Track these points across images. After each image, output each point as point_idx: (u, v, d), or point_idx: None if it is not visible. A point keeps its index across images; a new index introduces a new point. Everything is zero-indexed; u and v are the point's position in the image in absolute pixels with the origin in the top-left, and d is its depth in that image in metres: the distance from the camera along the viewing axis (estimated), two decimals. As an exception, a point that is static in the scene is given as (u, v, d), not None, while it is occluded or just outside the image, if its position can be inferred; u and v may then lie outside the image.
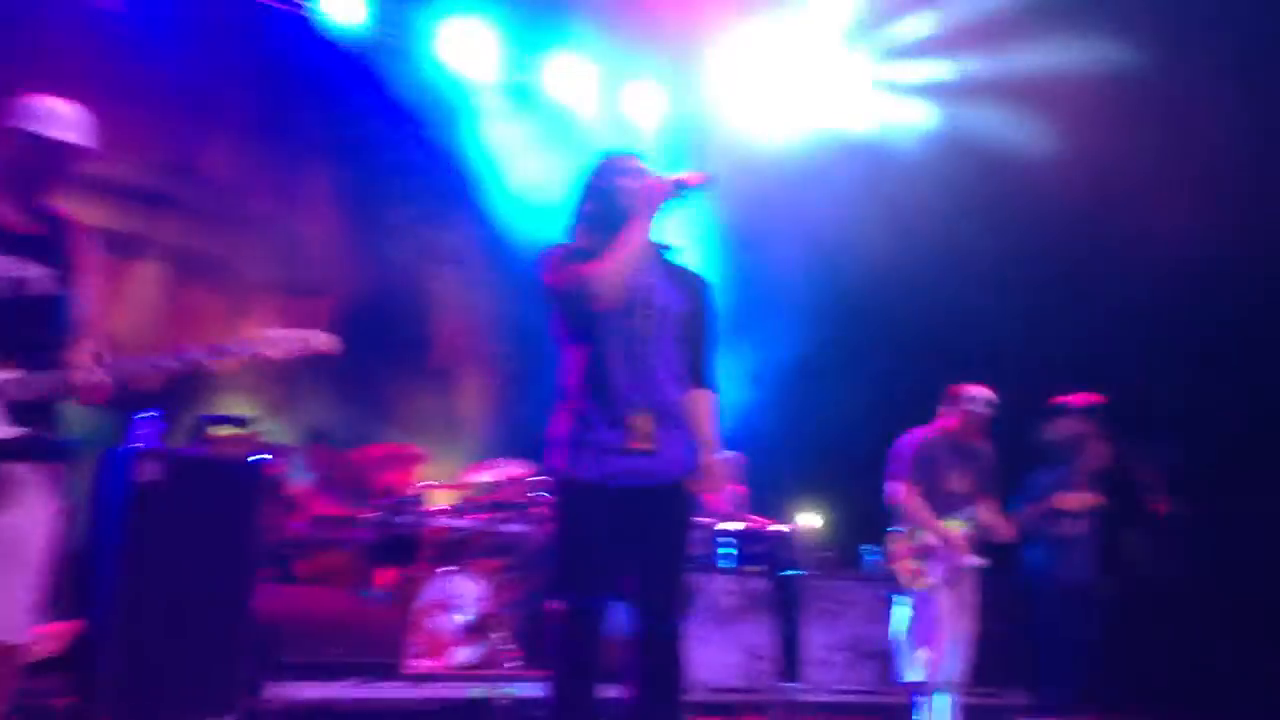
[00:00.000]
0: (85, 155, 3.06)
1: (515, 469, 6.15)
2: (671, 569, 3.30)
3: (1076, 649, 5.82)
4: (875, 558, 6.82)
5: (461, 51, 7.78)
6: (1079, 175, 6.76)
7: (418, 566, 5.60)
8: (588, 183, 3.45)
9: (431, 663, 5.31)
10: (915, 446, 5.13)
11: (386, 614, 5.37)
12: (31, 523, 2.95)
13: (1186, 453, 6.37)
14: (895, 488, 5.07)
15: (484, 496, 6.13)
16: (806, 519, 7.28)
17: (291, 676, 4.87)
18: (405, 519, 5.82)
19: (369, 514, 5.80)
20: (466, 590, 5.48)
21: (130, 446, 4.48)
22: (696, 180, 3.28)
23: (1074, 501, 5.67)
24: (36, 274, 2.98)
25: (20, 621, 2.95)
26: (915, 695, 4.91)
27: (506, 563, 5.82)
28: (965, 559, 5.00)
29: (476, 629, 5.45)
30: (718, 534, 6.62)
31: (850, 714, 6.37)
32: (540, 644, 4.41)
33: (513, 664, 5.44)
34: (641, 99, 8.51)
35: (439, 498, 6.33)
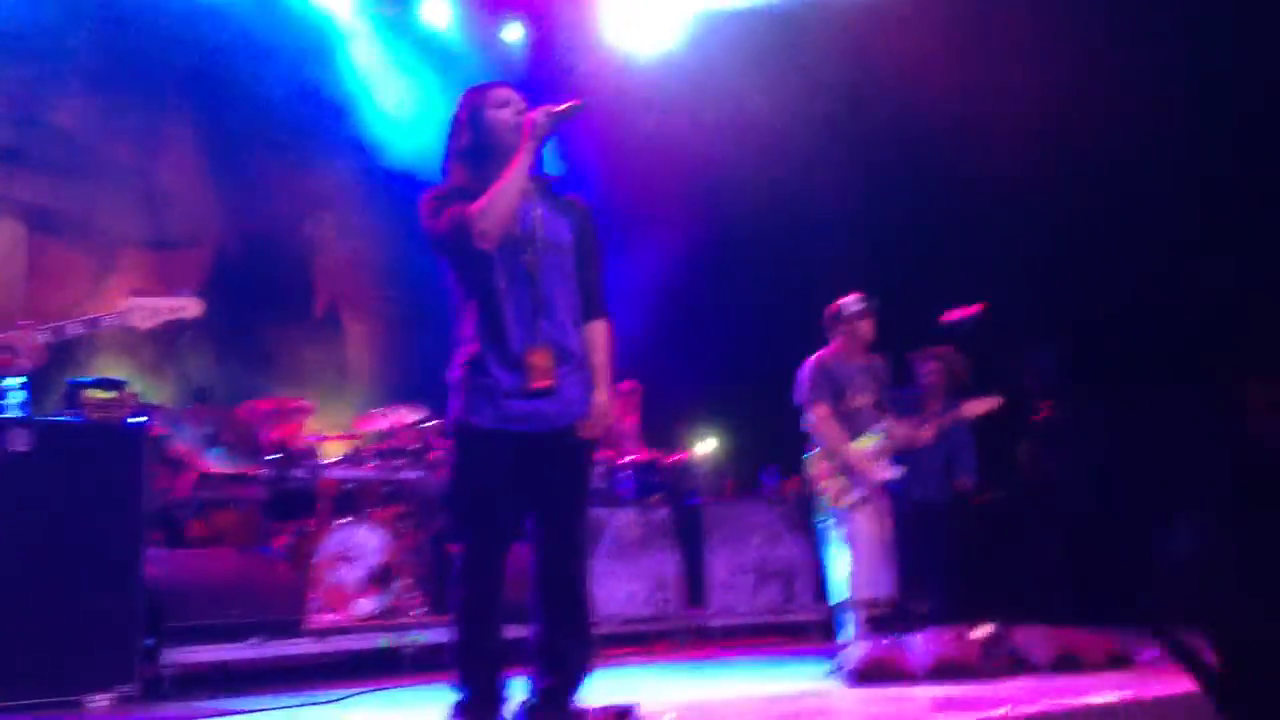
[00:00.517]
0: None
1: (408, 414, 6.06)
2: (572, 509, 3.27)
3: (934, 565, 5.93)
4: (773, 480, 6.91)
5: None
6: (942, 84, 6.81)
7: (314, 520, 5.49)
8: (460, 117, 3.31)
9: (335, 616, 5.22)
10: (813, 370, 5.16)
11: (285, 570, 5.26)
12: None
13: (1065, 359, 6.53)
14: (811, 411, 5.10)
15: (377, 445, 6.03)
16: (703, 445, 7.33)
17: (191, 640, 4.78)
18: (298, 473, 5.68)
19: (260, 470, 5.66)
20: (366, 540, 5.39)
21: (-4, 417, 4.26)
22: (570, 107, 3.19)
23: (982, 406, 5.68)
24: None
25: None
26: (841, 613, 4.99)
27: (404, 510, 5.74)
28: (882, 473, 5.09)
29: (378, 578, 5.37)
30: (617, 466, 6.64)
31: (759, 635, 6.49)
32: (444, 589, 4.36)
33: (417, 611, 5.39)
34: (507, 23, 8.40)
35: (332, 449, 6.21)
